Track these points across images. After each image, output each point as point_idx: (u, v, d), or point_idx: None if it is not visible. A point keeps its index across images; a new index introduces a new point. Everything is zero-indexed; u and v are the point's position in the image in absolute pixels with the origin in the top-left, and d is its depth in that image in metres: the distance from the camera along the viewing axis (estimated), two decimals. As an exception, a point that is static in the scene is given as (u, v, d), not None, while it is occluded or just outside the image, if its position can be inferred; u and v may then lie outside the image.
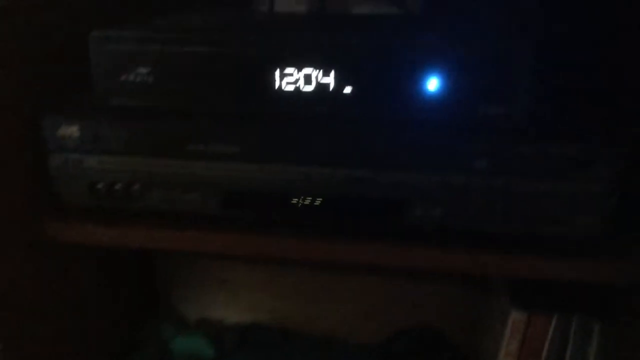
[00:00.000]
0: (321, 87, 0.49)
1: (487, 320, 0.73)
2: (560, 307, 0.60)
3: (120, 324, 0.81)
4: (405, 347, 0.81)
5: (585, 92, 0.59)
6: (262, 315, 0.88)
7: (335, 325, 0.86)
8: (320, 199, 0.52)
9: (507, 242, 0.51)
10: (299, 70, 0.49)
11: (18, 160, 0.55)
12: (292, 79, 0.50)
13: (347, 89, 0.49)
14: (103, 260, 0.73)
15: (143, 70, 0.52)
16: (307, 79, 0.50)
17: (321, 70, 0.49)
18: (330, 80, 0.49)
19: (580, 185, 0.49)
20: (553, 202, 0.49)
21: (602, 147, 0.48)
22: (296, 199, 0.52)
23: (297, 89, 0.50)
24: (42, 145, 0.54)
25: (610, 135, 0.50)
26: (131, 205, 0.55)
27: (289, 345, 0.82)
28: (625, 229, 0.52)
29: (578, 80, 0.61)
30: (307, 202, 0.52)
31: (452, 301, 0.83)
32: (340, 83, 0.49)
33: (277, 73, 0.50)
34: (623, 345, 0.56)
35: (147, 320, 0.87)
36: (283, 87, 0.50)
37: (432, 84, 0.48)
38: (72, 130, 0.53)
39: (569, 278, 0.51)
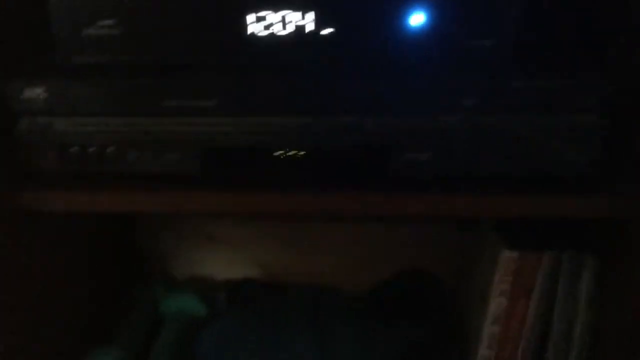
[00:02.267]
0: (298, 30, 0.47)
1: (477, 260, 0.73)
2: (550, 244, 0.60)
3: (108, 288, 0.80)
4: (396, 290, 0.81)
5: (576, 25, 0.57)
6: (252, 270, 0.88)
7: (327, 276, 0.85)
8: (304, 150, 0.50)
9: (497, 182, 0.50)
10: (275, 12, 0.47)
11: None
12: (268, 23, 0.47)
13: (326, 31, 0.47)
14: (83, 223, 0.71)
15: (107, 21, 0.49)
16: (283, 22, 0.47)
17: (299, 12, 0.46)
18: (308, 22, 0.46)
19: (569, 120, 0.48)
20: (543, 138, 0.48)
21: (592, 81, 0.46)
22: (278, 152, 0.50)
23: (273, 33, 0.47)
24: (9, 110, 0.51)
25: (600, 68, 0.48)
26: (106, 169, 0.52)
27: (281, 299, 0.82)
28: (614, 165, 0.51)
29: (569, 11, 0.59)
30: (290, 154, 0.50)
31: (441, 243, 0.83)
32: (318, 25, 0.46)
33: (252, 17, 0.47)
34: (614, 279, 0.56)
35: (136, 282, 0.86)
36: (258, 33, 0.47)
37: (416, 18, 0.46)
38: (37, 92, 0.50)
39: (559, 215, 0.50)
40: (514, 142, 0.48)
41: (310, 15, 0.46)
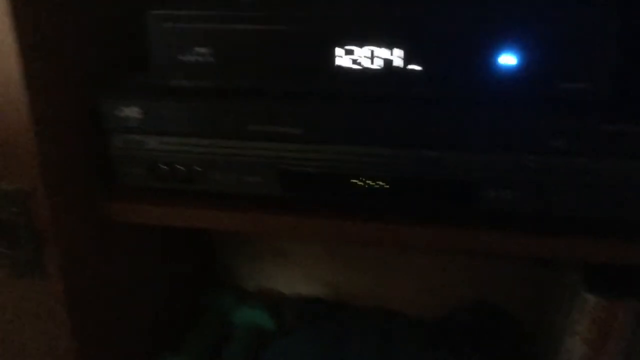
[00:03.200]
0: (387, 65, 0.47)
1: (555, 298, 0.70)
2: (635, 291, 0.57)
3: (181, 296, 0.83)
4: (463, 322, 0.79)
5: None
6: (320, 288, 0.88)
7: (395, 300, 0.85)
8: (384, 182, 0.50)
9: (584, 226, 0.48)
10: (361, 47, 0.47)
11: (81, 142, 0.55)
12: (356, 57, 0.47)
13: (415, 67, 0.46)
14: (162, 234, 0.74)
15: (202, 49, 0.50)
16: (372, 57, 0.47)
17: (387, 48, 0.46)
18: (397, 57, 0.46)
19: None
20: (633, 183, 0.46)
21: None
22: (360, 181, 0.51)
23: (362, 67, 0.48)
24: (102, 126, 0.54)
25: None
26: (192, 187, 0.54)
27: (349, 321, 0.82)
28: None
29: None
30: (371, 184, 0.50)
31: (516, 277, 0.81)
32: (407, 60, 0.46)
33: (340, 50, 0.47)
34: None
35: (207, 291, 0.88)
36: (346, 65, 0.48)
37: (508, 59, 0.45)
38: (133, 111, 0.53)
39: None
40: (603, 185, 0.46)
41: (399, 52, 0.46)
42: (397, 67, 0.47)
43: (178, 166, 0.54)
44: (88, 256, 0.57)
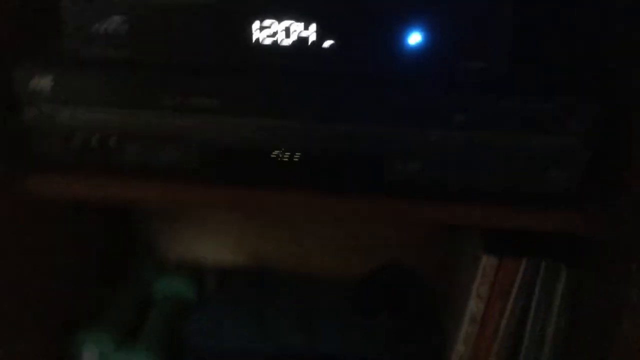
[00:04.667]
0: (301, 41, 0.49)
1: (458, 260, 0.76)
2: (529, 252, 0.63)
3: (99, 268, 0.82)
4: (378, 284, 0.84)
5: (565, 48, 0.59)
6: (242, 256, 0.90)
7: (313, 266, 0.88)
8: (299, 154, 0.52)
9: (483, 195, 0.53)
10: (279, 22, 0.48)
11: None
12: (271, 32, 0.49)
13: (327, 43, 0.49)
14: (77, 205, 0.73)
15: (117, 19, 0.50)
16: (287, 32, 0.49)
17: (301, 24, 0.48)
18: (310, 33, 0.48)
19: (555, 140, 0.50)
20: (528, 156, 0.50)
21: (578, 103, 0.49)
22: (275, 154, 0.52)
23: (276, 42, 0.49)
24: (15, 97, 0.52)
25: (587, 91, 0.51)
26: (107, 160, 0.54)
27: (268, 286, 0.85)
28: (595, 183, 0.53)
29: (559, 35, 0.61)
30: (286, 156, 0.52)
31: (424, 240, 0.86)
32: (320, 37, 0.48)
33: (256, 25, 0.49)
34: (585, 290, 0.60)
35: (127, 261, 0.88)
36: (262, 41, 0.49)
37: (413, 37, 0.48)
38: (45, 82, 0.52)
39: (539, 229, 0.53)
40: (500, 157, 0.51)
41: (312, 28, 0.48)
42: (311, 44, 0.49)
43: (93, 138, 0.54)
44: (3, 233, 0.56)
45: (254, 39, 0.49)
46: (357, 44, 0.49)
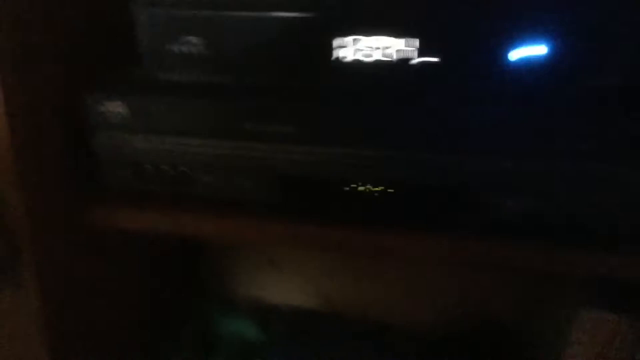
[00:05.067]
0: (398, 58, 0.43)
1: (554, 313, 0.68)
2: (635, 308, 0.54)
3: (166, 305, 0.79)
4: (462, 336, 0.76)
5: None
6: (313, 300, 0.84)
7: (390, 312, 0.81)
8: (384, 187, 0.46)
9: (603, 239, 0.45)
10: (368, 36, 0.43)
11: (61, 141, 0.51)
12: (361, 47, 0.44)
13: (429, 59, 0.43)
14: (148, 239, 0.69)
15: (193, 39, 0.46)
16: (376, 49, 0.43)
17: (396, 38, 0.43)
18: (409, 49, 0.43)
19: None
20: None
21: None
22: (359, 186, 0.47)
23: (363, 60, 0.44)
24: (85, 124, 0.50)
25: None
26: (179, 190, 0.50)
27: (340, 332, 0.78)
28: None
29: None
30: (370, 189, 0.47)
31: (515, 289, 0.77)
32: (420, 53, 0.43)
33: (342, 42, 0.44)
34: None
35: (191, 299, 0.84)
36: (349, 57, 0.44)
37: (533, 50, 0.41)
38: (117, 106, 0.49)
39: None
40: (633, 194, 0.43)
41: (412, 43, 0.42)
42: (410, 62, 0.43)
43: (164, 167, 0.50)
44: (68, 265, 0.53)
45: (338, 57, 0.44)
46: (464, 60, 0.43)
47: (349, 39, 0.43)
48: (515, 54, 0.42)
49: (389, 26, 0.43)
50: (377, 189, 0.47)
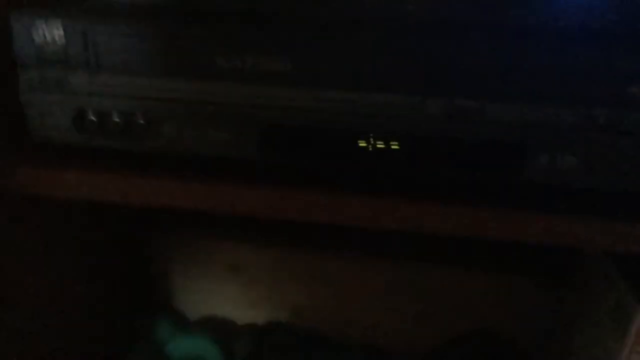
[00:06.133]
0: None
1: (581, 319, 0.59)
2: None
3: (106, 319, 0.68)
4: (462, 353, 0.68)
5: None
6: (283, 313, 0.75)
7: (375, 328, 0.72)
8: (399, 142, 0.37)
9: None
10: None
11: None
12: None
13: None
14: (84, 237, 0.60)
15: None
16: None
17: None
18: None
19: None
20: None
21: None
22: (366, 141, 0.38)
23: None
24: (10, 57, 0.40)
25: None
26: (133, 145, 0.41)
27: (316, 352, 0.69)
28: None
29: None
30: (380, 145, 0.38)
31: (519, 299, 0.70)
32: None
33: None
34: None
35: (139, 317, 0.74)
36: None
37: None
38: (54, 35, 0.39)
39: None
40: None
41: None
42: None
43: (113, 115, 0.40)
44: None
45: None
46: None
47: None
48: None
49: None
50: (387, 145, 0.37)
